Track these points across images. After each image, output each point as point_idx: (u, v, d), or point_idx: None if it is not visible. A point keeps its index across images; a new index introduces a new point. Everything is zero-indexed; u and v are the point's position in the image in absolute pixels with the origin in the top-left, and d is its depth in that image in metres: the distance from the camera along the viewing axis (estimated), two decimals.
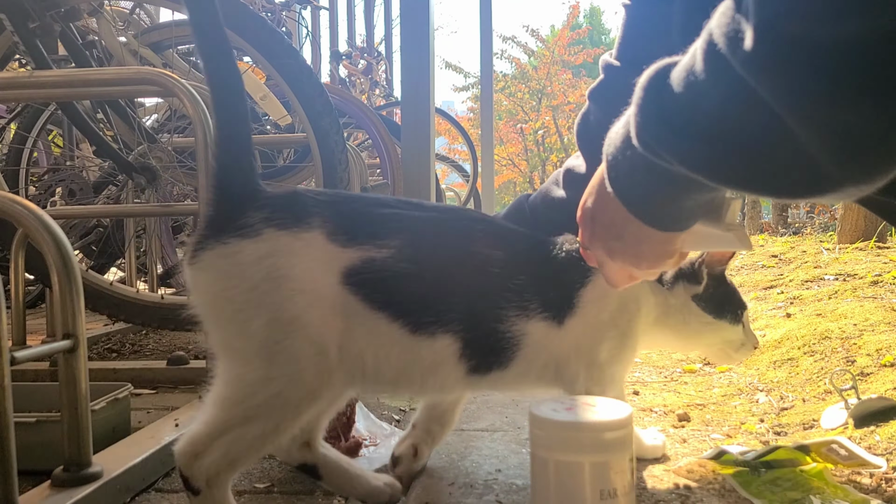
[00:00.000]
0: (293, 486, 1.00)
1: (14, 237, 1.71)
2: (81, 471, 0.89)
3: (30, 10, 1.70)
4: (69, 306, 0.89)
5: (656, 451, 1.03)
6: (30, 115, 2.38)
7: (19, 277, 1.71)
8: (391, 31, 6.01)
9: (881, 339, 1.45)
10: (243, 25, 1.83)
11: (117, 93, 1.62)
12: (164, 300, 2.01)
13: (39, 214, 0.89)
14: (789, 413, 1.27)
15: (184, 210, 2.05)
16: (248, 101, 2.18)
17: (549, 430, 0.72)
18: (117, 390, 1.17)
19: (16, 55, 1.96)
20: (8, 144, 2.59)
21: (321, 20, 5.04)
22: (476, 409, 1.26)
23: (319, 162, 1.91)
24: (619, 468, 0.71)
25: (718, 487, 0.92)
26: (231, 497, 0.81)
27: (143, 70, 1.51)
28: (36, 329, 2.18)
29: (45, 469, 0.90)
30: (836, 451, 0.93)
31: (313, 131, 1.90)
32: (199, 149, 1.28)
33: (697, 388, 1.52)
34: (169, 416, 1.19)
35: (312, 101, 1.88)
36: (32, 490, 0.86)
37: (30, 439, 0.96)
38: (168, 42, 2.15)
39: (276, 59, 1.84)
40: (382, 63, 4.77)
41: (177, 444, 0.79)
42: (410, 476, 0.96)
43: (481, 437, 1.10)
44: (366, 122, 2.97)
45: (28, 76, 1.39)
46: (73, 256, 0.90)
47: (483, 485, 0.91)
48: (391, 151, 2.94)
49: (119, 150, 1.84)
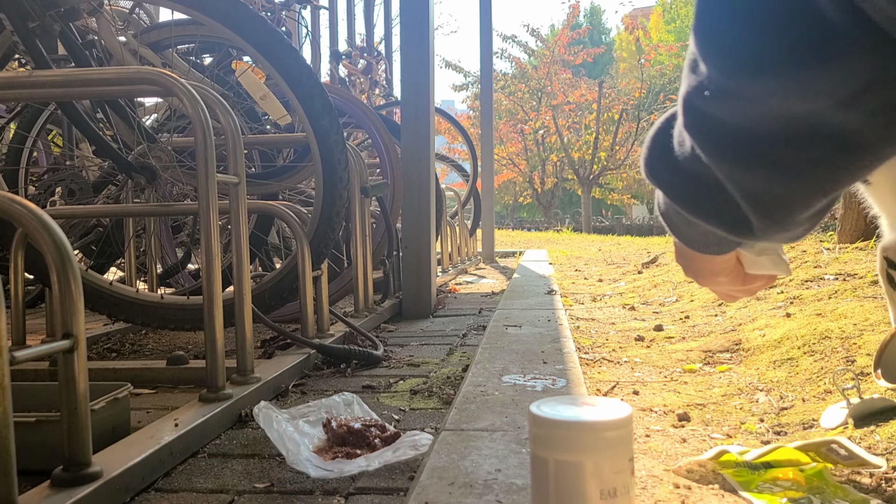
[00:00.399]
0: (293, 486, 1.00)
1: (14, 237, 1.71)
2: (81, 471, 0.89)
3: (29, 9, 1.70)
4: (69, 306, 0.89)
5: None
6: (29, 115, 2.39)
7: (19, 277, 1.71)
8: (391, 31, 6.01)
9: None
10: (243, 25, 1.83)
11: (117, 92, 1.62)
12: (164, 300, 2.01)
13: (39, 214, 0.89)
14: (789, 413, 1.27)
15: (183, 210, 2.06)
16: (248, 101, 2.19)
17: (549, 429, 0.72)
18: (117, 390, 1.17)
19: (15, 55, 1.96)
20: (7, 144, 2.59)
21: (321, 20, 5.05)
22: (476, 409, 1.26)
23: (319, 161, 1.92)
24: (618, 468, 0.71)
25: (718, 487, 0.92)
26: None
27: (142, 70, 1.51)
28: (35, 329, 2.18)
29: (44, 469, 0.90)
30: (835, 451, 0.93)
31: (313, 131, 1.90)
32: (198, 148, 1.28)
33: (697, 387, 1.52)
34: (169, 416, 1.19)
35: (312, 100, 1.88)
36: (32, 490, 0.86)
37: (29, 439, 0.96)
38: (168, 42, 2.15)
39: (275, 59, 1.84)
40: (382, 63, 4.77)
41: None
42: None
43: (481, 437, 1.10)
44: (365, 121, 2.97)
45: (27, 76, 1.39)
46: (72, 256, 0.90)
47: (483, 485, 0.91)
48: (391, 151, 2.94)
49: (119, 150, 1.84)
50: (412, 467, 1.05)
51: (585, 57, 15.89)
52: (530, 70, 16.24)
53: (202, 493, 0.99)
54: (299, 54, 1.90)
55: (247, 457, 1.13)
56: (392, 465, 1.06)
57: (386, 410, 1.38)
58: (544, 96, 15.63)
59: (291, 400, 1.49)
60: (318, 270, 1.95)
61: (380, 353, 1.86)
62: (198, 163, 1.29)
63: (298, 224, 1.80)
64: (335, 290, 2.66)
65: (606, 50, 23.90)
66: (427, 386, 1.57)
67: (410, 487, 0.94)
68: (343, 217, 1.98)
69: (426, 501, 0.86)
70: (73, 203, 2.12)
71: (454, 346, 2.11)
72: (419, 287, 2.78)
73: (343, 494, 0.97)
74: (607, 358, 1.87)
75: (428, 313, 2.78)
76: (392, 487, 0.99)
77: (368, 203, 2.49)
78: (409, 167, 2.77)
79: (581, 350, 1.97)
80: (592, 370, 1.73)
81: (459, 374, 1.69)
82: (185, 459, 1.12)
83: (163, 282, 2.67)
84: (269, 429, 1.10)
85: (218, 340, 1.29)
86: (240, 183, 1.41)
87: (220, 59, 2.34)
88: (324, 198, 1.93)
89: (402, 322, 2.65)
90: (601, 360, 1.84)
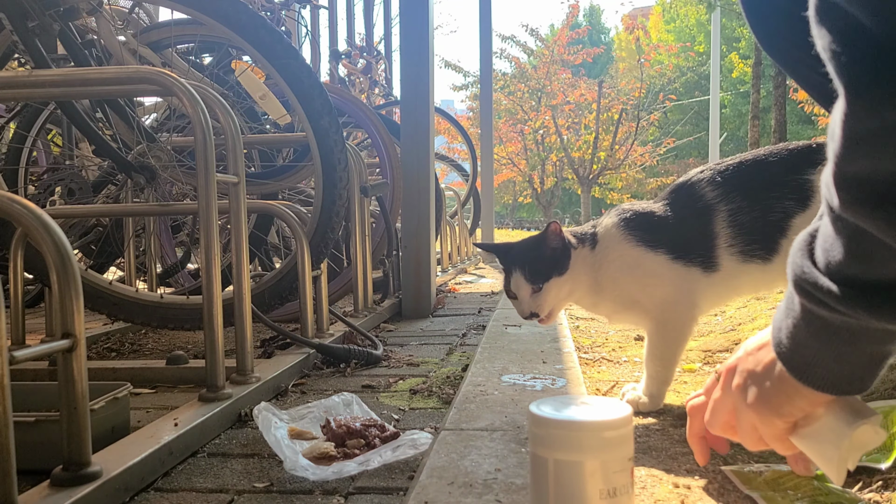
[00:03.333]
0: (292, 486, 1.00)
1: (13, 236, 1.71)
2: (80, 470, 0.89)
3: (29, 9, 1.70)
4: (68, 306, 0.88)
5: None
6: (29, 115, 2.38)
7: (18, 277, 1.71)
8: (390, 31, 6.01)
9: None
10: (243, 24, 1.83)
11: (116, 92, 1.62)
12: (164, 299, 2.01)
13: (38, 214, 0.89)
14: None
15: (183, 209, 2.05)
16: (248, 101, 2.19)
17: (549, 429, 0.72)
18: (116, 390, 1.17)
19: (15, 54, 1.96)
20: (7, 144, 2.59)
21: (320, 19, 5.04)
22: (475, 409, 1.26)
23: (319, 161, 1.91)
24: (618, 467, 0.71)
25: (718, 487, 0.92)
26: None
27: (142, 69, 1.51)
28: (35, 328, 2.18)
29: (44, 468, 0.90)
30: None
31: (312, 130, 1.90)
32: (198, 148, 1.28)
33: (697, 387, 1.52)
34: (168, 416, 1.19)
35: (312, 100, 1.88)
36: (31, 489, 0.86)
37: (29, 439, 0.96)
38: (167, 41, 2.15)
39: (275, 59, 1.84)
40: (382, 62, 4.77)
41: None
42: None
43: (481, 437, 1.10)
44: (365, 121, 2.97)
45: (27, 75, 1.38)
46: (72, 256, 0.90)
47: (483, 484, 0.91)
48: (391, 151, 2.94)
49: (118, 150, 1.84)
50: (412, 467, 1.05)
51: (585, 57, 15.87)
52: (530, 70, 16.22)
53: (202, 492, 0.99)
54: (299, 54, 1.90)
55: (246, 456, 1.13)
56: (392, 465, 1.06)
57: (385, 410, 1.38)
58: (544, 96, 15.62)
59: (291, 399, 1.49)
60: (318, 270, 1.95)
61: (379, 353, 1.86)
62: (197, 162, 1.29)
63: (298, 224, 1.80)
64: (335, 290, 2.66)
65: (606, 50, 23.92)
66: (427, 385, 1.57)
67: (410, 487, 0.94)
68: (343, 217, 1.98)
69: (426, 501, 0.86)
70: (73, 203, 2.12)
71: (454, 345, 2.11)
72: (419, 287, 2.78)
73: (343, 494, 0.97)
74: (607, 357, 1.87)
75: (427, 313, 2.78)
76: (392, 487, 0.99)
77: (368, 203, 2.49)
78: (408, 167, 2.77)
79: (581, 350, 1.97)
80: (592, 370, 1.73)
81: (459, 373, 1.69)
82: (184, 459, 1.11)
83: (162, 281, 2.67)
84: (266, 433, 1.10)
85: (217, 340, 1.29)
86: (239, 182, 1.41)
87: (220, 58, 2.33)
88: (323, 197, 1.93)
89: (402, 322, 2.64)
90: (601, 360, 1.84)
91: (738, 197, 1.22)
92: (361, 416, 1.24)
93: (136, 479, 0.98)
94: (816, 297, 0.61)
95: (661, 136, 18.34)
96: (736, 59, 18.54)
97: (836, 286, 0.59)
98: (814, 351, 0.65)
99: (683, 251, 1.25)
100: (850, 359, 0.64)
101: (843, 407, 0.69)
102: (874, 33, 0.48)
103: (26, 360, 0.82)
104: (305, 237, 1.81)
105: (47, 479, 0.88)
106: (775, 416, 0.71)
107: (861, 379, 0.66)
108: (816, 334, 0.64)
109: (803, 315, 0.65)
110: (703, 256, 1.24)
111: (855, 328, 0.61)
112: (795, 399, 0.69)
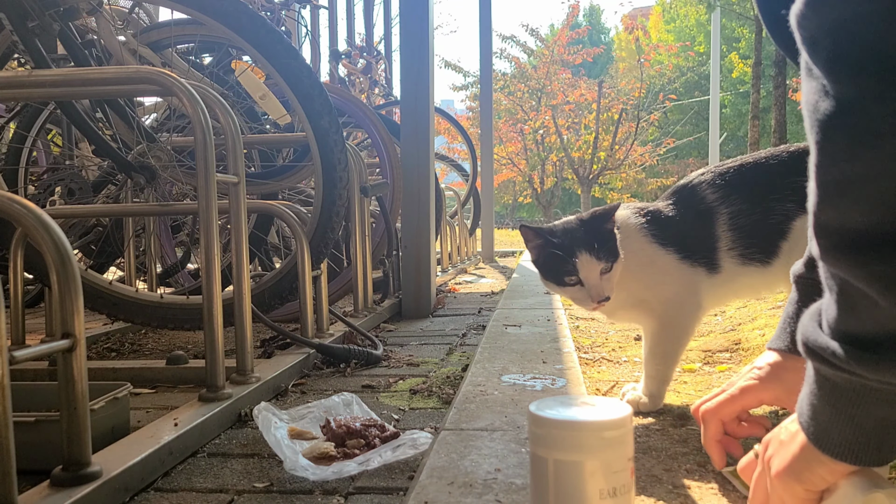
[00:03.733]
0: (292, 486, 1.00)
1: (13, 236, 1.71)
2: (80, 470, 0.89)
3: (29, 8, 1.70)
4: (68, 306, 0.88)
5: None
6: (29, 115, 2.38)
7: (18, 277, 1.71)
8: (390, 31, 6.01)
9: None
10: (243, 24, 1.83)
11: (116, 92, 1.62)
12: (164, 299, 2.01)
13: (38, 214, 0.89)
14: (789, 413, 1.27)
15: (183, 209, 2.06)
16: (248, 101, 2.19)
17: (549, 429, 0.71)
18: (116, 390, 1.17)
19: (14, 54, 1.96)
20: (7, 144, 2.59)
21: (320, 19, 5.04)
22: (475, 409, 1.26)
23: (319, 161, 1.91)
24: (618, 467, 0.71)
25: (718, 487, 0.92)
26: None
27: (142, 69, 1.50)
28: (35, 328, 2.18)
29: (44, 468, 0.90)
30: None
31: (312, 130, 1.90)
32: (198, 148, 1.28)
33: (697, 387, 1.52)
34: (168, 416, 1.19)
35: (312, 100, 1.88)
36: (31, 489, 0.86)
37: (29, 439, 0.96)
38: (167, 41, 2.15)
39: (275, 59, 1.84)
40: (382, 62, 4.77)
41: None
42: None
43: (481, 437, 1.10)
44: (365, 121, 2.97)
45: (27, 75, 1.38)
46: (72, 256, 0.90)
47: (482, 484, 0.91)
48: (391, 151, 2.94)
49: (118, 150, 1.84)
50: (412, 467, 1.05)
51: (585, 57, 15.87)
52: (530, 70, 16.22)
53: (202, 492, 0.99)
54: (299, 54, 1.90)
55: (246, 456, 1.13)
56: (392, 465, 1.06)
57: (385, 410, 1.38)
58: (544, 96, 15.62)
59: (291, 399, 1.49)
60: (318, 270, 1.95)
61: (379, 353, 1.86)
62: (197, 162, 1.29)
63: (298, 224, 1.80)
64: (335, 290, 2.66)
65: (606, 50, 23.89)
66: (427, 385, 1.57)
67: (410, 487, 0.94)
68: (343, 217, 1.98)
69: (426, 501, 0.86)
70: (73, 203, 2.12)
71: (454, 345, 2.11)
72: (419, 287, 2.78)
73: (343, 494, 0.97)
74: (607, 357, 1.87)
75: (427, 313, 2.78)
76: (392, 487, 0.99)
77: (368, 203, 2.49)
78: (408, 167, 2.77)
79: (581, 350, 1.97)
80: (592, 370, 1.73)
81: (459, 373, 1.69)
82: (184, 459, 1.11)
83: (162, 281, 2.67)
84: (266, 433, 1.10)
85: (217, 340, 1.29)
86: (239, 182, 1.41)
87: (220, 58, 2.33)
88: (323, 197, 1.93)
89: (402, 322, 2.64)
90: (601, 360, 1.84)
91: (739, 200, 1.22)
92: (361, 416, 1.24)
93: (136, 479, 0.98)
94: (823, 357, 0.62)
95: (661, 136, 18.34)
96: (736, 59, 18.55)
97: (837, 344, 0.60)
98: (828, 416, 0.65)
99: (689, 251, 1.25)
100: (861, 423, 0.63)
101: (862, 478, 0.69)
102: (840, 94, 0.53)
103: (26, 360, 0.82)
104: (305, 237, 1.81)
105: (47, 480, 0.88)
106: (795, 482, 0.71)
107: (878, 448, 0.64)
108: (827, 398, 0.65)
109: (816, 379, 0.66)
110: (707, 258, 1.24)
111: (859, 388, 0.61)
112: (815, 467, 0.69)
